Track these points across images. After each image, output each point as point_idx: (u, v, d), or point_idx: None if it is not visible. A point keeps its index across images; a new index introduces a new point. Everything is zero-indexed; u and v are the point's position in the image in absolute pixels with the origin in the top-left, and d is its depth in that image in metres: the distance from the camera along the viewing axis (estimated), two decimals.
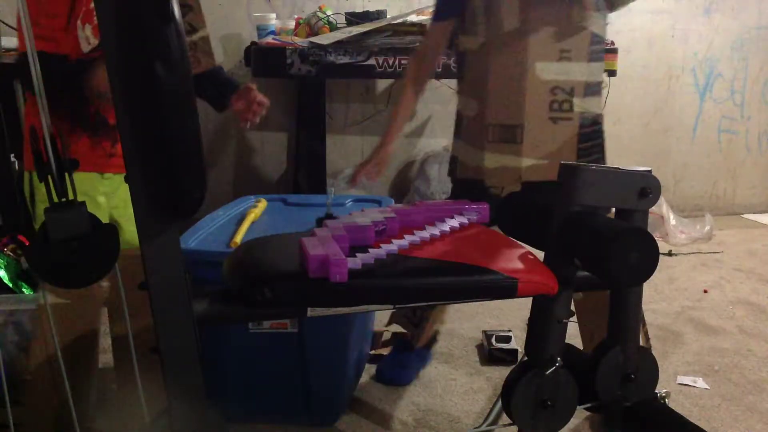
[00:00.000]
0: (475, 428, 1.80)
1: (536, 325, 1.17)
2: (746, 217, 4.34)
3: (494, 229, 1.34)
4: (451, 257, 1.12)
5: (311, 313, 1.05)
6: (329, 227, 1.15)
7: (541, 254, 1.18)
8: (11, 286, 1.67)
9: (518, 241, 1.26)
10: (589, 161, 1.68)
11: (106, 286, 1.58)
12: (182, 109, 0.89)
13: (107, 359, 1.88)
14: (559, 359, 1.15)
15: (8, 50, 2.38)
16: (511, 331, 2.30)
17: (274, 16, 3.24)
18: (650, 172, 1.14)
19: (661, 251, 1.11)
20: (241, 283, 1.05)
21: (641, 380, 1.22)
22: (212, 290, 1.07)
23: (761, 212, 4.41)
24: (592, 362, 1.22)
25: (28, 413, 1.51)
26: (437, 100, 3.40)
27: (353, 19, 3.13)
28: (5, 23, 2.47)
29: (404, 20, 3.01)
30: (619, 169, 1.14)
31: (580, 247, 1.10)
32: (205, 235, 1.78)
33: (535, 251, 1.19)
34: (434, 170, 3.47)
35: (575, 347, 1.37)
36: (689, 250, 3.52)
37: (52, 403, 1.55)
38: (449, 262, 1.11)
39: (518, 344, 2.21)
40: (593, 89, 1.69)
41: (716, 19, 4.12)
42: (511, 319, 2.55)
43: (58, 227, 0.88)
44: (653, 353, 1.26)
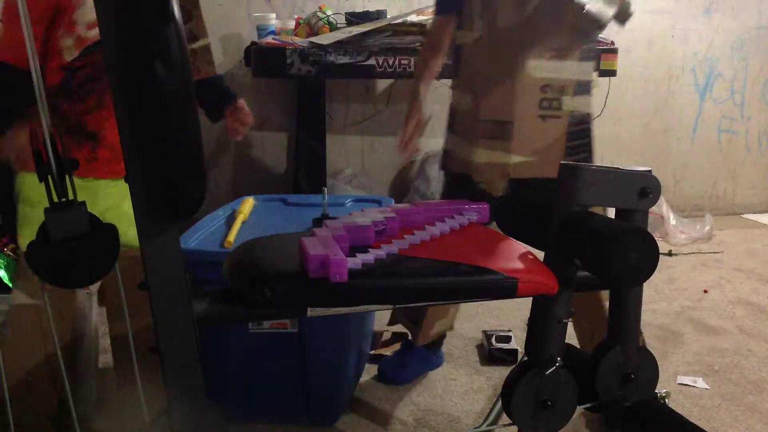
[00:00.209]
0: (475, 428, 1.80)
1: (536, 325, 1.17)
2: (746, 217, 4.34)
3: (492, 227, 1.35)
4: (451, 257, 1.12)
5: (311, 313, 1.05)
6: (329, 227, 1.15)
7: (541, 254, 1.18)
8: (11, 286, 1.67)
9: (518, 241, 1.26)
10: (576, 160, 1.69)
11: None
12: (182, 109, 0.89)
13: (107, 359, 1.88)
14: (559, 359, 1.15)
15: None
16: (511, 331, 2.30)
17: (274, 16, 3.24)
18: (650, 172, 1.14)
19: (661, 251, 1.11)
20: (241, 283, 1.05)
21: (641, 380, 1.22)
22: (212, 290, 1.07)
23: (761, 212, 4.41)
24: (592, 362, 1.22)
25: (27, 413, 1.51)
26: (437, 100, 3.39)
27: (353, 19, 3.13)
28: None
29: (404, 20, 3.01)
30: (619, 169, 1.14)
31: (580, 247, 1.10)
32: (205, 235, 1.79)
33: (535, 251, 1.19)
34: (434, 170, 3.47)
35: (575, 347, 1.37)
36: (689, 250, 3.52)
37: (51, 403, 1.55)
38: (449, 262, 1.11)
39: (518, 344, 2.21)
40: (583, 88, 1.70)
41: (716, 19, 4.12)
42: (511, 319, 2.55)
43: (58, 227, 0.88)
44: (653, 353, 1.26)
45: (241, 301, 1.04)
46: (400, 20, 3.01)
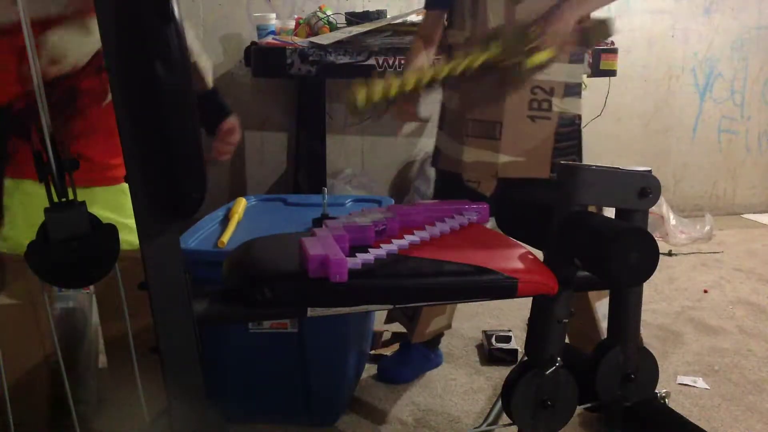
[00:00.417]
0: (475, 428, 1.80)
1: (536, 325, 1.17)
2: (746, 217, 4.34)
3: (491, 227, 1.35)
4: (451, 257, 1.12)
5: (311, 313, 1.05)
6: (329, 227, 1.15)
7: (540, 254, 1.18)
8: None
9: (518, 241, 1.26)
10: (565, 161, 1.69)
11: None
12: (182, 109, 0.89)
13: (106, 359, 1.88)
14: (559, 359, 1.15)
15: None
16: (511, 331, 2.30)
17: (274, 16, 3.24)
18: (650, 172, 1.15)
19: (661, 251, 1.11)
20: (240, 283, 1.05)
21: (641, 380, 1.22)
22: (212, 290, 1.07)
23: (761, 212, 4.41)
24: (592, 362, 1.22)
25: (27, 413, 1.51)
26: (437, 100, 3.40)
27: (353, 19, 3.13)
28: None
29: (404, 20, 3.01)
30: (619, 169, 1.15)
31: (580, 247, 1.10)
32: (204, 235, 1.79)
33: (535, 251, 1.19)
34: (434, 170, 3.47)
35: (575, 347, 1.37)
36: (689, 250, 3.52)
37: (45, 404, 1.55)
38: (449, 262, 1.11)
39: (518, 344, 2.21)
40: (573, 90, 1.71)
41: (716, 19, 4.12)
42: (511, 319, 2.55)
43: (58, 227, 0.88)
44: (653, 353, 1.26)
45: (241, 301, 1.04)
46: (400, 20, 3.01)
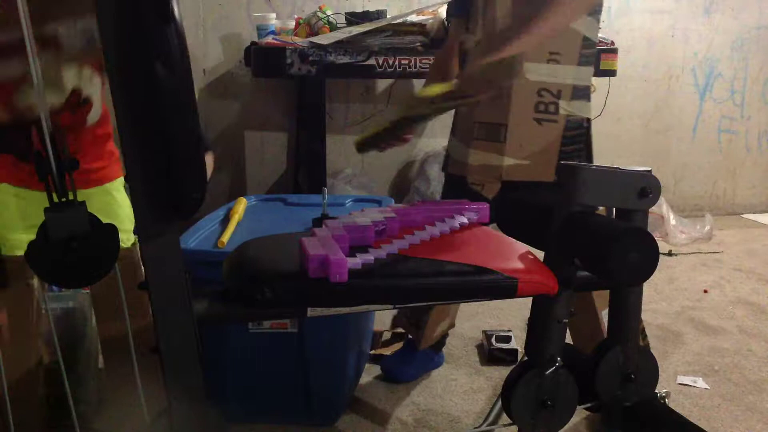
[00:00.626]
0: (475, 428, 1.80)
1: (536, 325, 1.17)
2: (746, 217, 4.34)
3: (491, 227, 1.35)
4: (451, 257, 1.12)
5: (311, 313, 1.05)
6: (329, 227, 1.15)
7: (540, 254, 1.18)
8: None
9: (518, 241, 1.26)
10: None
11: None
12: (182, 109, 0.89)
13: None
14: (559, 359, 1.15)
15: None
16: (511, 331, 2.30)
17: (274, 16, 3.24)
18: (650, 172, 1.14)
19: (661, 251, 1.11)
20: (241, 283, 1.05)
21: (641, 380, 1.22)
22: (212, 290, 1.07)
23: (761, 212, 4.41)
24: (592, 362, 1.22)
25: (25, 413, 1.51)
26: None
27: (353, 19, 3.12)
28: None
29: (404, 20, 3.01)
30: (619, 169, 1.14)
31: (580, 247, 1.10)
32: (204, 235, 1.79)
33: (535, 251, 1.19)
34: (434, 170, 3.47)
35: (575, 347, 1.37)
36: (689, 250, 3.52)
37: (48, 402, 1.55)
38: (449, 262, 1.11)
39: (518, 344, 2.21)
40: (581, 93, 1.68)
41: (716, 19, 4.12)
42: (511, 319, 2.55)
43: (58, 227, 0.88)
44: (653, 353, 1.26)
45: (241, 301, 1.04)
46: (400, 20, 3.00)
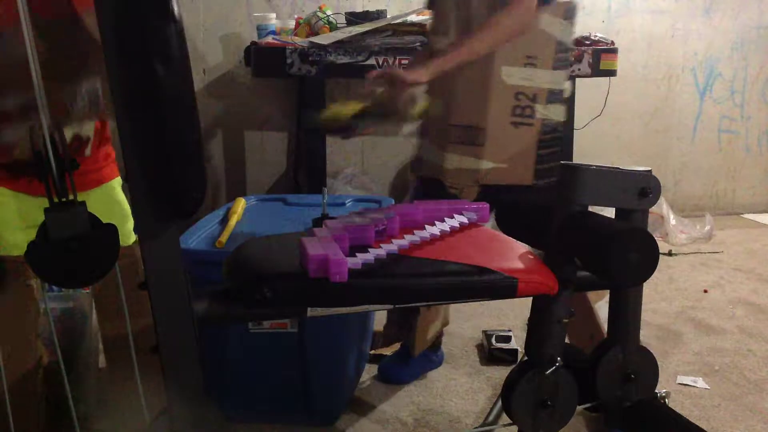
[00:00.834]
0: (475, 428, 1.80)
1: (536, 325, 1.17)
2: (746, 217, 4.34)
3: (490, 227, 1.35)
4: (451, 257, 1.12)
5: (311, 313, 1.05)
6: (329, 227, 1.15)
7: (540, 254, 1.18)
8: None
9: (518, 241, 1.25)
10: (547, 168, 1.71)
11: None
12: (182, 109, 0.89)
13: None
14: (559, 359, 1.15)
15: None
16: (511, 331, 2.30)
17: (274, 16, 3.25)
18: (650, 172, 1.14)
19: (661, 251, 1.11)
20: (240, 283, 1.05)
21: (641, 380, 1.22)
22: (212, 290, 1.07)
23: (761, 212, 4.41)
24: (592, 362, 1.22)
25: (24, 414, 1.51)
26: None
27: (353, 19, 3.12)
28: None
29: (404, 20, 3.01)
30: (619, 169, 1.14)
31: (580, 247, 1.10)
32: (204, 235, 1.78)
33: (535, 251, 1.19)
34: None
35: (575, 347, 1.37)
36: (689, 250, 3.52)
37: (48, 402, 1.55)
38: (449, 262, 1.11)
39: (518, 344, 2.21)
40: (556, 97, 1.70)
41: (716, 19, 4.12)
42: (511, 319, 2.55)
43: (58, 227, 0.88)
44: (653, 353, 1.26)
45: (241, 301, 1.04)
46: (400, 20, 3.00)
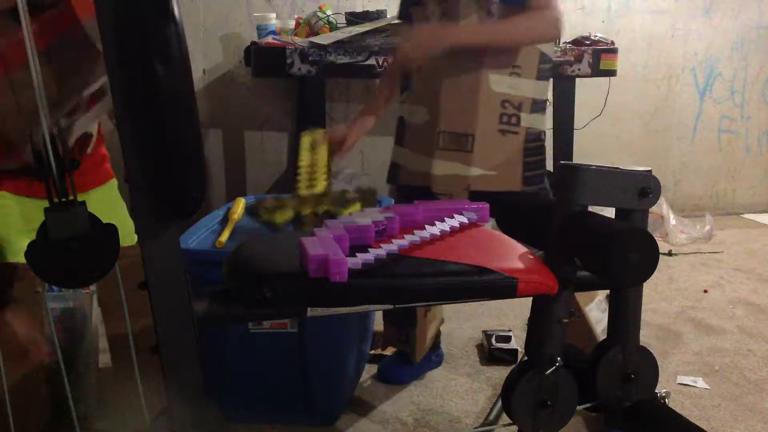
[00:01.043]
0: (475, 428, 1.80)
1: (536, 325, 1.17)
2: (746, 217, 4.35)
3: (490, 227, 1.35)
4: (451, 257, 1.12)
5: (311, 313, 1.05)
6: (329, 227, 1.15)
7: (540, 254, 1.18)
8: None
9: (518, 241, 1.26)
10: (533, 176, 1.72)
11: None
12: (182, 108, 0.89)
13: (107, 359, 1.87)
14: (559, 359, 1.15)
15: None
16: (511, 331, 2.30)
17: (274, 16, 3.24)
18: (650, 172, 1.14)
19: (661, 251, 1.11)
20: (240, 283, 1.05)
21: (641, 380, 1.22)
22: (212, 290, 1.07)
23: (761, 212, 4.41)
24: (592, 362, 1.22)
25: (28, 415, 1.51)
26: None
27: (353, 19, 3.12)
28: None
29: None
30: (619, 169, 1.14)
31: (580, 247, 1.10)
32: (204, 235, 1.79)
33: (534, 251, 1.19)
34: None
35: (575, 347, 1.37)
36: (689, 250, 3.52)
37: (50, 403, 1.55)
38: (449, 261, 1.11)
39: (518, 344, 2.21)
40: (539, 106, 1.72)
41: (716, 19, 4.12)
42: (511, 319, 2.55)
43: (58, 227, 0.88)
44: (653, 353, 1.26)
45: (241, 301, 1.04)
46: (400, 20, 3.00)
